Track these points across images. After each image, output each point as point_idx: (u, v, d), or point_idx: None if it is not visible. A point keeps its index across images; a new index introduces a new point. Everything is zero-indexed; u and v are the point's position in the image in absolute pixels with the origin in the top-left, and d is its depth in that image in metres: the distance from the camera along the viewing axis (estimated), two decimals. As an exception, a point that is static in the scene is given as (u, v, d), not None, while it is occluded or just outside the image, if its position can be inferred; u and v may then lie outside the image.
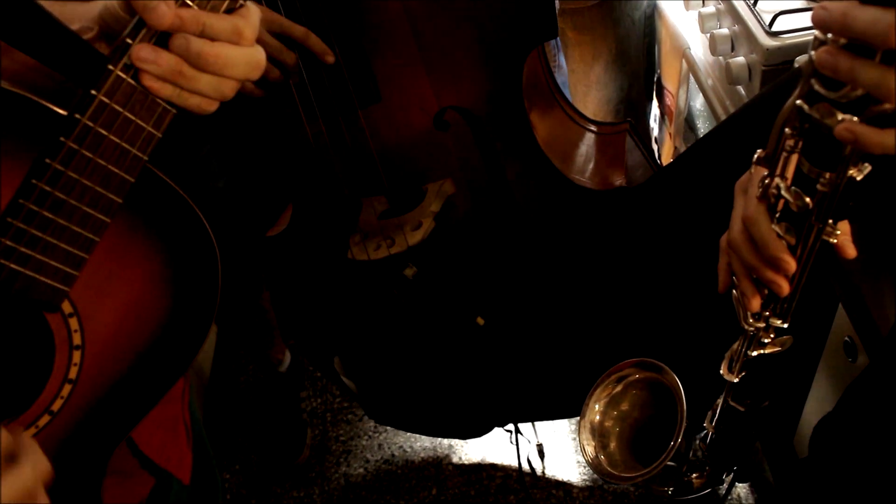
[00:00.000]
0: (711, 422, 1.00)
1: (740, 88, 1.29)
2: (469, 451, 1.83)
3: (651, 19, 1.59)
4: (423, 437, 1.87)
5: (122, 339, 0.70)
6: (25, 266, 0.59)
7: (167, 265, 0.71)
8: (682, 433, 0.95)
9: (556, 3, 1.07)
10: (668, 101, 1.66)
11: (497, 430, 1.58)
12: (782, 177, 0.67)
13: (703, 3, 1.41)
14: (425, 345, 1.36)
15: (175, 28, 0.57)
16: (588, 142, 1.30)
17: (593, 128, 1.30)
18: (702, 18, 1.37)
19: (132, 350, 0.71)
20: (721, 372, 0.89)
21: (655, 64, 1.66)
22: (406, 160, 1.16)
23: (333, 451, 1.87)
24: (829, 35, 0.56)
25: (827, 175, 0.63)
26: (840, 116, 0.57)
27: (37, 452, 0.57)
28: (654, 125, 1.82)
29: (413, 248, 1.17)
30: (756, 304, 0.76)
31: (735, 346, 0.86)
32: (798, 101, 0.61)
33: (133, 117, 0.60)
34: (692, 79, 1.49)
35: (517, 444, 1.62)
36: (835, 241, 0.68)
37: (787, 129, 0.64)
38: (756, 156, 0.69)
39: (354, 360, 1.43)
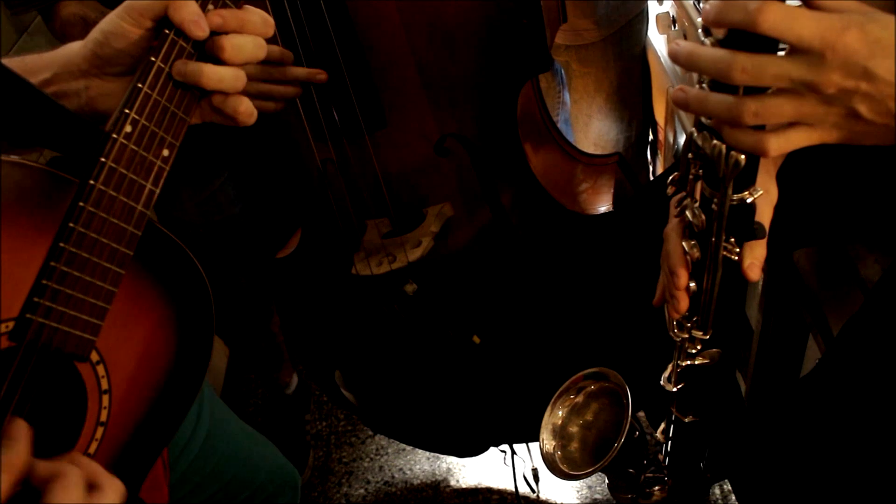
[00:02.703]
0: (663, 433, 1.06)
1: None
2: (466, 474, 1.87)
3: (648, 56, 1.68)
4: (422, 460, 1.91)
5: (140, 380, 0.75)
6: (61, 322, 0.64)
7: (170, 307, 0.76)
8: (626, 431, 1.00)
9: (552, 39, 1.14)
10: (661, 135, 1.74)
11: (493, 455, 1.61)
12: (693, 198, 0.72)
13: (685, 43, 1.51)
14: (422, 361, 1.40)
15: (217, 27, 0.68)
16: (579, 171, 1.38)
17: (584, 159, 1.38)
18: (684, 59, 1.46)
19: (149, 389, 0.77)
20: (661, 382, 0.94)
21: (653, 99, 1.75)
22: (408, 184, 1.22)
23: (336, 472, 1.92)
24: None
25: (718, 196, 0.68)
26: (714, 142, 0.63)
27: (114, 478, 0.63)
28: (651, 157, 1.91)
29: (413, 265, 1.24)
30: (673, 313, 0.81)
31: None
32: (692, 130, 0.67)
33: (136, 177, 0.66)
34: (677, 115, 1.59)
35: (513, 466, 1.66)
36: (736, 258, 0.73)
37: (689, 155, 0.70)
38: (671, 178, 0.75)
39: (355, 374, 1.49)
